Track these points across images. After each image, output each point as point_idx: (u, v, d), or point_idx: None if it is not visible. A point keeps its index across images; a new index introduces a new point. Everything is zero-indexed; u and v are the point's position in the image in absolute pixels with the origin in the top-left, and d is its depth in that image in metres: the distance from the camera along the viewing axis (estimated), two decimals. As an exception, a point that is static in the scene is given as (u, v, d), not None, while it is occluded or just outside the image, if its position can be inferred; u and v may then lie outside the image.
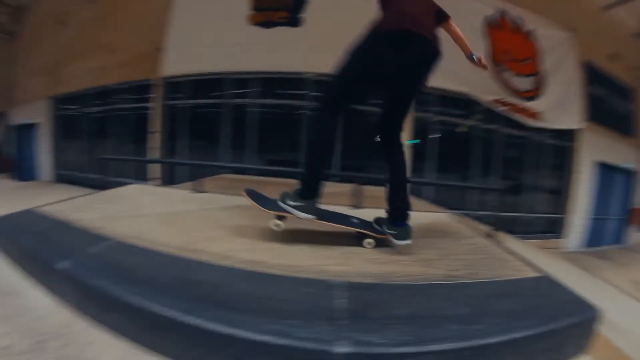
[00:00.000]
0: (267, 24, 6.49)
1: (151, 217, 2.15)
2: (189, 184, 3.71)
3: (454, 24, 1.88)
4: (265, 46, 6.36)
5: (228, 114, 7.00)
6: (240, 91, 6.87)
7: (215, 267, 1.36)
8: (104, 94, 8.66)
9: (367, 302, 1.10)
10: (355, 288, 1.18)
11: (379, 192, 1.98)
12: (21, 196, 7.38)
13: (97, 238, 1.65)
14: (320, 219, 1.72)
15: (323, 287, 1.18)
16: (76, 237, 1.70)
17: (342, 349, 0.87)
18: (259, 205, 1.72)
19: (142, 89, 7.82)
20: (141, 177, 6.84)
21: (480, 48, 6.77)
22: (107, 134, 8.70)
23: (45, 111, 10.00)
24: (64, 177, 9.67)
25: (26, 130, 10.81)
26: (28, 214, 2.12)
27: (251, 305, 1.07)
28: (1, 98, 11.64)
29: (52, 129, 10.04)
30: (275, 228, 1.70)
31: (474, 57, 1.91)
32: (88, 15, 8.66)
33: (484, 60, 1.92)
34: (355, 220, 1.87)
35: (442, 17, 1.85)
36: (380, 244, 1.76)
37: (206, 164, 4.30)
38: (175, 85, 7.41)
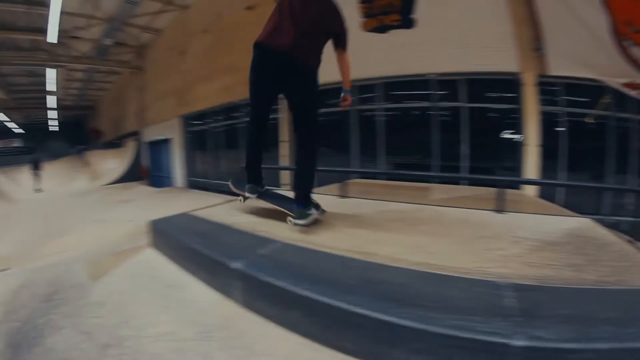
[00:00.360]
0: (381, 29, 6.42)
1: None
2: (321, 188, 3.83)
3: (347, 56, 2.14)
4: (382, 51, 6.32)
5: (353, 120, 7.04)
6: (363, 96, 6.85)
7: (391, 268, 1.46)
8: (229, 110, 9.51)
9: (532, 302, 1.19)
10: (519, 289, 1.27)
11: (518, 195, 1.96)
12: (163, 200, 8.88)
13: (263, 240, 1.78)
14: (259, 198, 2.28)
15: (491, 287, 1.28)
16: (240, 239, 1.83)
17: (520, 342, 0.96)
18: (235, 188, 2.44)
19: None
20: (273, 183, 7.42)
21: (599, 21, 5.81)
22: (234, 144, 9.47)
23: (176, 128, 11.59)
24: (195, 183, 11.06)
25: (158, 145, 12.91)
26: (185, 217, 2.32)
27: (433, 303, 1.16)
28: (136, 120, 14.28)
29: (182, 143, 11.57)
30: (239, 201, 2.44)
31: (345, 93, 2.22)
32: (205, 44, 9.84)
33: (347, 102, 2.25)
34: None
35: (337, 43, 2.08)
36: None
37: (337, 170, 4.59)
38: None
